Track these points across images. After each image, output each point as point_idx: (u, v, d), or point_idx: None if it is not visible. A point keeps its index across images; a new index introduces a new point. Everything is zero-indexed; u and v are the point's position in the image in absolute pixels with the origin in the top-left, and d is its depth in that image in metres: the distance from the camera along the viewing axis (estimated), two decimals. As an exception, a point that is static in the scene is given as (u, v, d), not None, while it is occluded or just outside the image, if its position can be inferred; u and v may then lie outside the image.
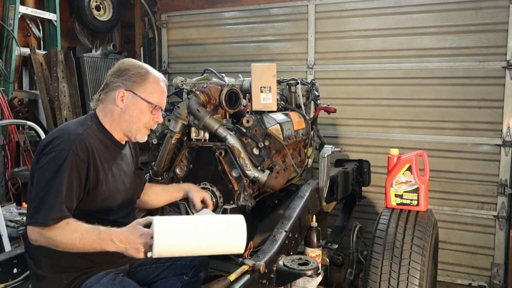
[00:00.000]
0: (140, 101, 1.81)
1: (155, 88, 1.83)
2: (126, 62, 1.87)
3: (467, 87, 3.76)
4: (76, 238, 1.59)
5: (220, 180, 2.39)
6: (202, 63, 4.58)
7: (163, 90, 1.87)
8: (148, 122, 1.86)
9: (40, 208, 1.60)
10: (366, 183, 3.57)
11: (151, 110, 1.84)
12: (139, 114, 1.82)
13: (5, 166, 3.76)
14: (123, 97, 1.80)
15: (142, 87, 1.81)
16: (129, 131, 1.85)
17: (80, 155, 1.67)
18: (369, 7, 4.03)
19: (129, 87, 1.80)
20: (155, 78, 1.85)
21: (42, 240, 1.61)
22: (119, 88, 1.80)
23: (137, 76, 1.81)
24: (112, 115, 1.83)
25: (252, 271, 1.74)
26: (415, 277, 2.13)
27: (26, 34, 4.37)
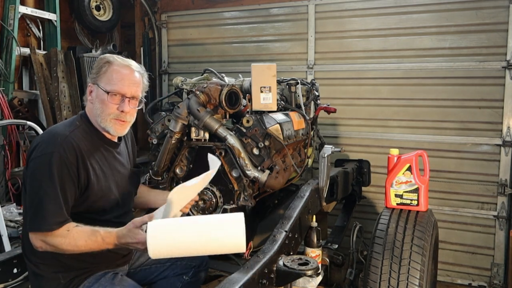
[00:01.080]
0: (100, 91, 1.78)
1: (112, 76, 1.78)
2: (99, 57, 1.88)
3: (467, 87, 3.76)
4: (81, 246, 1.63)
5: (220, 180, 2.39)
6: (202, 63, 4.58)
7: (123, 77, 1.80)
8: (113, 113, 1.79)
9: (39, 214, 1.61)
10: (366, 183, 3.56)
11: (109, 99, 1.77)
12: (101, 105, 1.78)
13: (5, 166, 3.76)
14: (92, 91, 1.82)
15: (103, 78, 1.79)
16: (99, 125, 1.83)
17: (69, 157, 1.67)
18: (369, 7, 4.03)
19: (94, 80, 1.82)
20: (115, 68, 1.80)
21: (48, 247, 1.63)
22: (89, 83, 1.84)
23: (98, 68, 1.81)
24: (89, 111, 1.85)
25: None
26: (415, 277, 2.13)
27: (26, 34, 4.37)
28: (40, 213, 1.61)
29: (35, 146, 1.70)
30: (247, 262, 1.80)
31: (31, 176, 1.67)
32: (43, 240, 1.62)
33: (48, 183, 1.62)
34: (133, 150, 2.11)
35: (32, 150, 1.70)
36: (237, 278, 1.66)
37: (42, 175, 1.64)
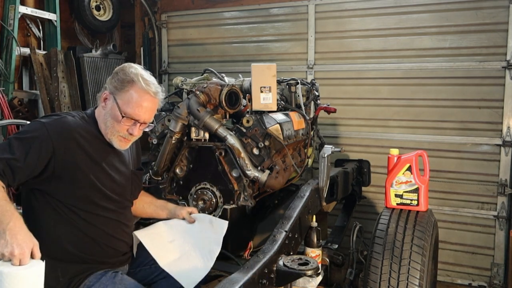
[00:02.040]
0: (116, 108, 1.79)
1: (132, 99, 1.78)
2: (124, 66, 1.86)
3: (467, 87, 3.76)
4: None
5: (220, 180, 2.39)
6: (202, 63, 4.58)
7: (142, 104, 1.79)
8: (120, 131, 1.81)
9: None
10: (366, 183, 3.57)
11: (121, 120, 1.78)
12: (112, 120, 1.80)
13: (5, 166, 3.75)
14: (106, 99, 1.82)
15: (122, 94, 1.79)
16: (105, 132, 1.84)
17: (50, 134, 1.69)
18: (369, 7, 4.03)
19: (111, 90, 1.82)
20: (138, 90, 1.78)
21: None
22: (105, 89, 1.84)
23: (120, 81, 1.80)
24: (99, 114, 1.88)
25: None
26: (415, 277, 2.13)
27: (26, 34, 4.37)
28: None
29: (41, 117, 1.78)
30: (247, 262, 1.80)
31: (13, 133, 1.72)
32: None
33: (17, 142, 1.65)
34: (138, 152, 2.11)
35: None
36: (237, 278, 1.66)
37: (18, 135, 1.69)
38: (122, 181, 1.94)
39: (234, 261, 2.25)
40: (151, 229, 2.05)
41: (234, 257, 2.27)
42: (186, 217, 2.14)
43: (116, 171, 1.91)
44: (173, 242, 2.01)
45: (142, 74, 1.83)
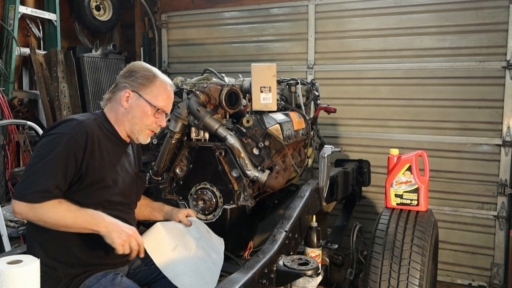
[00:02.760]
0: (144, 102, 1.84)
1: (160, 92, 1.87)
2: (136, 64, 1.92)
3: (467, 87, 3.76)
4: (68, 217, 1.64)
5: (220, 180, 2.39)
6: (202, 63, 4.59)
7: (169, 95, 1.90)
8: (150, 125, 1.89)
9: (30, 184, 1.62)
10: (366, 183, 3.57)
11: (154, 113, 1.87)
12: (141, 115, 1.86)
13: (5, 166, 3.76)
14: (128, 97, 1.85)
15: (147, 89, 1.85)
16: (131, 131, 1.88)
17: (78, 140, 1.71)
18: (369, 7, 4.03)
19: (135, 88, 1.85)
20: (161, 82, 1.88)
21: (30, 214, 1.64)
22: (125, 88, 1.85)
23: (144, 78, 1.86)
24: (116, 114, 1.88)
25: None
26: (415, 277, 2.13)
27: (26, 34, 4.37)
28: (31, 183, 1.62)
29: (52, 127, 1.76)
30: (247, 262, 1.80)
31: (38, 148, 1.70)
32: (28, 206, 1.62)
33: (50, 158, 1.65)
34: (139, 154, 2.11)
35: (48, 130, 1.76)
36: (237, 278, 1.66)
37: (48, 150, 1.67)
38: (130, 182, 1.95)
39: (234, 261, 2.25)
40: (152, 235, 2.00)
41: (234, 257, 2.27)
42: (182, 220, 2.12)
43: (126, 172, 1.92)
44: (176, 249, 1.98)
45: (156, 69, 1.94)
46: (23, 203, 1.62)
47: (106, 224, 1.67)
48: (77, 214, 1.66)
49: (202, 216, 2.42)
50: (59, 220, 1.64)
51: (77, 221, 1.66)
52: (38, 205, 1.61)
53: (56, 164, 1.65)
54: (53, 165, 1.65)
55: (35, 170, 1.65)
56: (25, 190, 1.62)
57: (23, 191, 1.62)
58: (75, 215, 1.65)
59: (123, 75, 1.88)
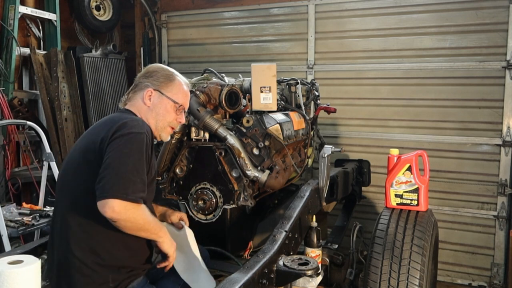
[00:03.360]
0: (166, 100, 1.92)
1: (180, 90, 1.96)
2: (154, 66, 2.03)
3: (467, 87, 3.76)
4: (151, 221, 1.71)
5: (220, 180, 2.39)
6: (202, 63, 4.59)
7: (187, 93, 2.00)
8: (172, 121, 1.96)
9: (128, 183, 1.60)
10: (366, 183, 3.57)
11: (176, 110, 1.94)
12: (164, 112, 1.92)
13: (5, 166, 3.76)
14: (151, 96, 1.91)
15: (168, 87, 1.93)
16: (155, 128, 1.93)
17: (150, 139, 1.78)
18: (369, 7, 4.04)
19: (157, 86, 1.92)
20: (180, 81, 1.98)
21: (125, 214, 1.59)
22: (147, 87, 1.91)
23: (165, 77, 1.94)
24: (139, 112, 1.92)
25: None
26: (415, 277, 2.13)
27: (26, 34, 4.37)
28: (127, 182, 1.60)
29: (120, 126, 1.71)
30: (247, 262, 1.80)
31: (119, 149, 1.65)
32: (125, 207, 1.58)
33: (138, 157, 1.67)
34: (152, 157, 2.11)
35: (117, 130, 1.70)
36: (237, 278, 1.66)
37: (132, 149, 1.67)
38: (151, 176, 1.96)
39: (234, 261, 2.25)
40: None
41: (234, 257, 2.27)
42: (175, 222, 2.12)
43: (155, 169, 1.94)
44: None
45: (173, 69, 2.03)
46: (125, 202, 1.58)
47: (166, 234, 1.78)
48: (155, 219, 1.76)
49: (202, 216, 2.43)
50: (145, 223, 1.68)
51: (155, 226, 1.73)
52: (136, 206, 1.61)
53: (142, 163, 1.68)
54: (141, 164, 1.67)
55: (127, 170, 1.62)
56: (125, 189, 1.58)
57: (124, 191, 1.58)
58: (154, 220, 1.74)
59: (143, 76, 1.96)
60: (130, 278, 1.77)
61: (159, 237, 1.76)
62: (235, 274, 1.70)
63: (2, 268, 1.31)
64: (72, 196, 1.76)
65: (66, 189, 1.80)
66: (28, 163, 4.00)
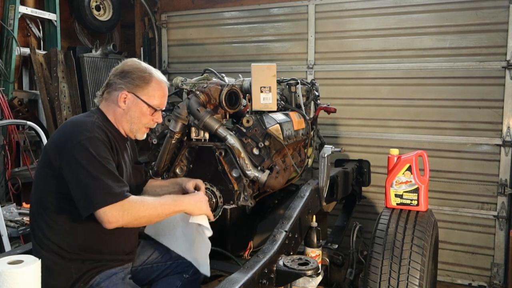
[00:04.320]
0: (141, 103, 1.87)
1: (156, 92, 1.90)
2: (130, 63, 1.92)
3: (467, 87, 3.76)
4: (158, 207, 1.73)
5: (220, 180, 2.39)
6: (202, 63, 4.58)
7: (165, 93, 1.94)
8: (148, 123, 1.93)
9: (103, 189, 1.61)
10: (366, 183, 3.56)
11: (152, 113, 1.91)
12: (140, 115, 1.89)
13: (5, 166, 3.76)
14: (126, 98, 1.86)
15: (144, 90, 1.87)
16: (130, 130, 1.92)
17: (104, 138, 1.75)
18: (369, 7, 4.03)
19: (132, 89, 1.86)
20: (157, 81, 1.90)
21: (125, 217, 1.62)
22: (122, 89, 1.86)
23: (140, 79, 1.87)
24: (114, 114, 1.89)
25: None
26: (415, 277, 2.13)
27: (26, 34, 4.37)
28: (103, 188, 1.61)
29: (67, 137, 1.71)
30: (247, 262, 1.80)
31: (76, 165, 1.64)
32: (120, 209, 1.61)
33: (97, 159, 1.65)
34: (133, 147, 2.13)
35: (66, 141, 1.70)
36: (237, 278, 1.66)
37: (90, 158, 1.65)
38: (130, 176, 1.98)
39: (234, 261, 2.25)
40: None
41: (234, 257, 2.27)
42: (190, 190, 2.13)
43: (128, 166, 1.95)
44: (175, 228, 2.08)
45: (150, 66, 1.95)
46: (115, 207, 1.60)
47: (188, 202, 1.84)
48: (161, 202, 1.76)
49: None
50: (153, 212, 1.71)
51: (165, 208, 1.76)
52: (128, 203, 1.63)
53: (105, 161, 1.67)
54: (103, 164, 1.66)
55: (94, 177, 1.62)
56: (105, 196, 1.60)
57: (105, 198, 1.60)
58: (160, 204, 1.74)
59: (118, 75, 1.88)
60: (97, 269, 1.78)
61: (180, 211, 1.81)
62: (235, 274, 1.70)
63: (2, 268, 1.31)
64: (38, 196, 1.81)
65: (34, 188, 1.85)
66: (28, 163, 4.00)
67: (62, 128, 1.83)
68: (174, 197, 1.87)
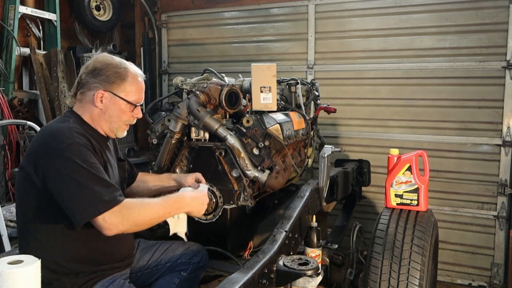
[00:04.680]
0: (119, 101, 1.80)
1: (133, 87, 1.82)
2: (101, 59, 1.82)
3: (467, 87, 3.76)
4: (159, 209, 1.68)
5: (220, 180, 2.39)
6: (202, 63, 4.58)
7: (142, 87, 1.87)
8: (128, 120, 1.87)
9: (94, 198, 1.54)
10: (366, 183, 3.56)
11: (132, 109, 1.84)
12: (119, 113, 1.82)
13: (5, 166, 3.76)
14: (102, 97, 1.78)
15: (121, 87, 1.79)
16: (109, 129, 1.84)
17: (86, 142, 1.67)
18: (369, 7, 4.03)
19: (108, 87, 1.78)
20: (133, 76, 1.83)
21: (124, 222, 1.57)
22: (97, 89, 1.77)
23: (115, 76, 1.79)
24: (91, 114, 1.81)
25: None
26: (415, 277, 2.13)
27: (26, 34, 4.37)
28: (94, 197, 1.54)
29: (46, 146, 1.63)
30: (247, 262, 1.80)
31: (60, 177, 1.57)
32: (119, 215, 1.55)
33: (82, 172, 1.57)
34: (115, 145, 2.07)
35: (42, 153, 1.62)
36: (237, 278, 1.66)
37: (72, 170, 1.57)
38: (116, 175, 1.94)
39: (234, 261, 2.25)
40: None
41: (234, 257, 2.27)
42: (191, 184, 2.11)
43: (111, 166, 1.90)
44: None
45: (123, 59, 1.86)
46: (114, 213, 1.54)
47: (191, 203, 1.79)
48: (162, 203, 1.70)
49: (202, 216, 2.42)
50: (154, 214, 1.66)
51: (166, 209, 1.70)
52: (127, 211, 1.57)
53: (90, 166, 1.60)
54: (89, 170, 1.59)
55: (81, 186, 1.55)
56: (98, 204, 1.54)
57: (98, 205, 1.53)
58: (161, 205, 1.69)
59: (90, 74, 1.78)
60: (92, 280, 1.73)
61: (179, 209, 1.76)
62: (235, 274, 1.70)
63: (2, 268, 1.31)
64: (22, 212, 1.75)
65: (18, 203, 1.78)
66: (28, 163, 3.99)
67: (37, 138, 1.71)
68: (176, 196, 1.81)
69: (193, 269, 2.04)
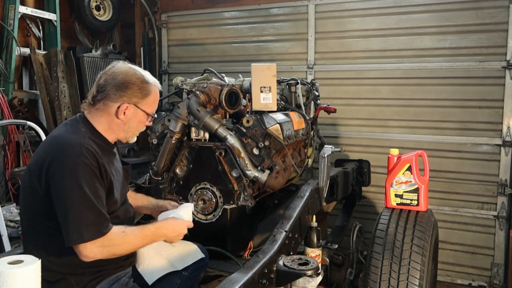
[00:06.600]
0: (141, 112, 1.87)
1: (154, 100, 1.91)
2: (127, 75, 1.83)
3: (467, 87, 3.76)
4: (138, 243, 1.77)
5: (220, 180, 2.39)
6: (202, 63, 4.58)
7: (158, 98, 1.96)
8: (142, 129, 1.96)
9: (82, 224, 1.60)
10: (366, 183, 3.57)
11: (149, 120, 1.94)
12: (138, 124, 1.90)
13: (5, 166, 3.76)
14: (126, 110, 1.82)
15: (144, 101, 1.86)
16: (125, 138, 1.92)
17: (93, 163, 1.68)
18: (369, 7, 4.03)
19: (134, 102, 1.83)
20: (155, 90, 1.91)
21: (104, 252, 1.65)
22: (123, 102, 1.80)
23: (142, 90, 1.84)
24: (110, 124, 1.84)
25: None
26: (415, 277, 2.13)
27: (26, 34, 4.37)
28: (82, 223, 1.60)
29: (54, 158, 1.66)
30: (247, 262, 1.80)
31: (60, 192, 1.63)
32: (100, 246, 1.63)
33: (82, 193, 1.62)
34: (118, 149, 2.10)
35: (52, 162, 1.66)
36: (237, 278, 1.66)
37: (74, 187, 1.62)
38: (123, 180, 1.97)
39: (234, 261, 2.25)
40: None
41: (234, 257, 2.27)
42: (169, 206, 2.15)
43: (118, 172, 1.93)
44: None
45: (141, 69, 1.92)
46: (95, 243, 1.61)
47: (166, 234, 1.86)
48: (142, 236, 1.76)
49: (202, 216, 2.43)
50: (132, 247, 1.76)
51: (145, 242, 1.79)
52: (109, 243, 1.64)
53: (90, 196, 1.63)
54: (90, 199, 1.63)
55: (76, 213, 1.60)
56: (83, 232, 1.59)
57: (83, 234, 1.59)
58: (141, 238, 1.76)
59: (117, 87, 1.80)
60: (98, 278, 1.77)
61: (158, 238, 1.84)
62: (235, 274, 1.70)
63: (2, 268, 1.31)
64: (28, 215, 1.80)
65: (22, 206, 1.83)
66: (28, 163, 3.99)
67: (47, 147, 1.76)
68: (154, 229, 1.84)
69: (194, 268, 2.04)
